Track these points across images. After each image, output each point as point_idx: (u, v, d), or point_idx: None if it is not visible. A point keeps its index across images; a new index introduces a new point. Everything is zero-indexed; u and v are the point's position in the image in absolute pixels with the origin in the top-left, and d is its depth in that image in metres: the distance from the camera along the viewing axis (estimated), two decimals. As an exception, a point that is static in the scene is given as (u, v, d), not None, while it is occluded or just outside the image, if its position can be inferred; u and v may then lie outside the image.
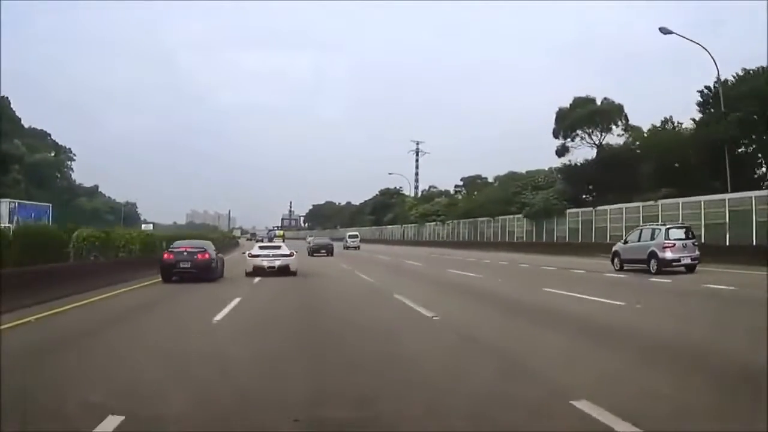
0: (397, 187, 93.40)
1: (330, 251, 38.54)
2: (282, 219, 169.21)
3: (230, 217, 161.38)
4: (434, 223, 66.41)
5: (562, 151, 42.65)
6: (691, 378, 5.30)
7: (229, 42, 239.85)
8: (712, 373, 5.49)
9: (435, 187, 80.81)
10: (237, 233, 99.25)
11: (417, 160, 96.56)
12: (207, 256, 17.49)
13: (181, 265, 17.04)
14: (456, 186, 64.63)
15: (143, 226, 62.10)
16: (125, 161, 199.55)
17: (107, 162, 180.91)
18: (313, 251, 38.43)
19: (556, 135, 43.22)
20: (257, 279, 18.19)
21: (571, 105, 42.99)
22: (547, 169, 49.40)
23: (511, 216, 47.95)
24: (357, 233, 65.73)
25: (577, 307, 10.90)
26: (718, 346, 6.80)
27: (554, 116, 43.61)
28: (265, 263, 19.48)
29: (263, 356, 6.74)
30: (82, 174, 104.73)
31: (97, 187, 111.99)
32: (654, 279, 16.50)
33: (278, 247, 22.00)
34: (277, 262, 19.55)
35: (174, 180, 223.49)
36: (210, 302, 12.12)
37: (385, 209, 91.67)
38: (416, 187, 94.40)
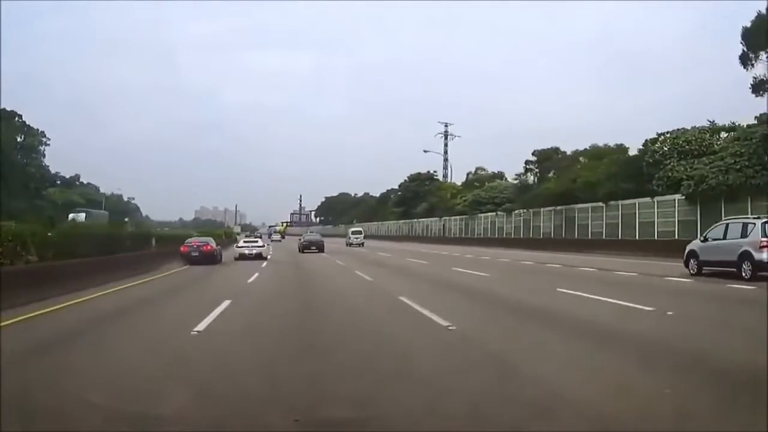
0: (432, 172, 75.92)
1: (320, 248, 36.90)
2: (291, 214, 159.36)
3: (237, 212, 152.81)
4: (494, 213, 48.89)
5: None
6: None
7: (235, 41, 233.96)
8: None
9: (483, 169, 63.14)
10: (237, 229, 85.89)
11: (446, 144, 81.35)
12: (210, 248, 23.95)
13: (192, 254, 23.18)
14: (527, 163, 47.09)
15: (70, 215, 45.15)
16: (133, 161, 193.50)
17: (114, 161, 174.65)
18: (303, 248, 37.04)
19: (745, 61, 25.54)
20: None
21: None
22: (690, 128, 31.54)
23: (647, 199, 30.29)
24: (360, 229, 58.95)
25: None
26: None
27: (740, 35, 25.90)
28: (246, 251, 27.81)
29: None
30: (87, 173, 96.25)
31: (77, 176, 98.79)
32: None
33: (255, 242, 31.22)
34: (254, 251, 27.86)
35: (184, 178, 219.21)
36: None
37: (417, 199, 74.25)
38: (445, 175, 79.14)
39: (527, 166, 47.37)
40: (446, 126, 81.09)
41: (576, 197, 36.37)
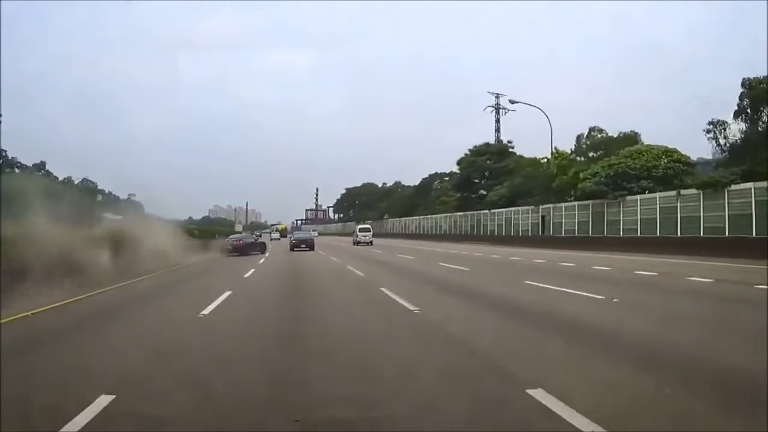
0: (506, 141, 55.72)
1: (311, 245, 37.25)
2: (306, 210, 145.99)
3: (247, 211, 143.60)
4: (672, 193, 27.98)
5: None
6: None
7: (245, 39, 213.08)
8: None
9: (601, 130, 42.45)
10: (239, 227, 70.19)
11: (498, 120, 64.44)
12: (242, 243, 33.23)
13: (229, 246, 32.66)
14: (742, 98, 26.14)
15: None
16: (145, 159, 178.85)
17: (124, 159, 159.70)
18: (294, 246, 37.67)
19: None
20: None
21: None
22: None
23: None
24: (369, 226, 55.93)
25: None
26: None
27: None
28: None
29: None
30: (91, 172, 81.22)
31: (43, 164, 79.77)
32: None
33: (249, 237, 41.45)
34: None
35: (199, 177, 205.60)
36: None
37: (485, 181, 54.00)
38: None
39: (739, 105, 26.34)
40: (497, 96, 62.37)
41: None
